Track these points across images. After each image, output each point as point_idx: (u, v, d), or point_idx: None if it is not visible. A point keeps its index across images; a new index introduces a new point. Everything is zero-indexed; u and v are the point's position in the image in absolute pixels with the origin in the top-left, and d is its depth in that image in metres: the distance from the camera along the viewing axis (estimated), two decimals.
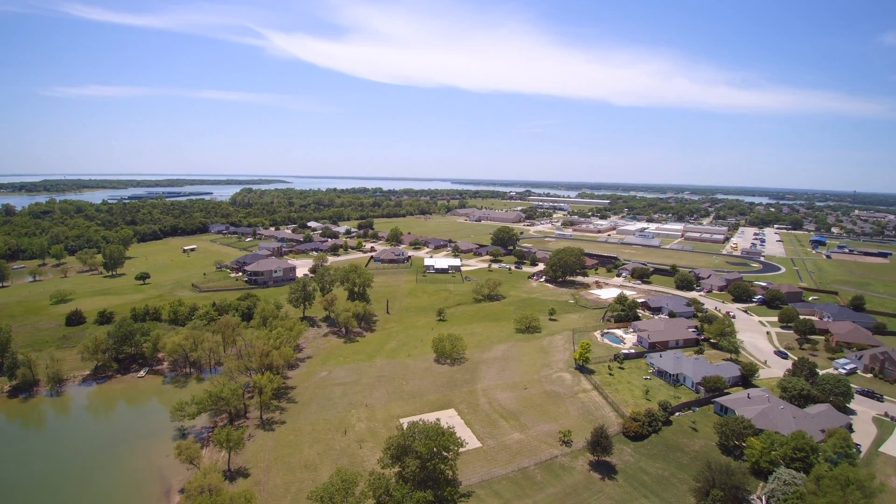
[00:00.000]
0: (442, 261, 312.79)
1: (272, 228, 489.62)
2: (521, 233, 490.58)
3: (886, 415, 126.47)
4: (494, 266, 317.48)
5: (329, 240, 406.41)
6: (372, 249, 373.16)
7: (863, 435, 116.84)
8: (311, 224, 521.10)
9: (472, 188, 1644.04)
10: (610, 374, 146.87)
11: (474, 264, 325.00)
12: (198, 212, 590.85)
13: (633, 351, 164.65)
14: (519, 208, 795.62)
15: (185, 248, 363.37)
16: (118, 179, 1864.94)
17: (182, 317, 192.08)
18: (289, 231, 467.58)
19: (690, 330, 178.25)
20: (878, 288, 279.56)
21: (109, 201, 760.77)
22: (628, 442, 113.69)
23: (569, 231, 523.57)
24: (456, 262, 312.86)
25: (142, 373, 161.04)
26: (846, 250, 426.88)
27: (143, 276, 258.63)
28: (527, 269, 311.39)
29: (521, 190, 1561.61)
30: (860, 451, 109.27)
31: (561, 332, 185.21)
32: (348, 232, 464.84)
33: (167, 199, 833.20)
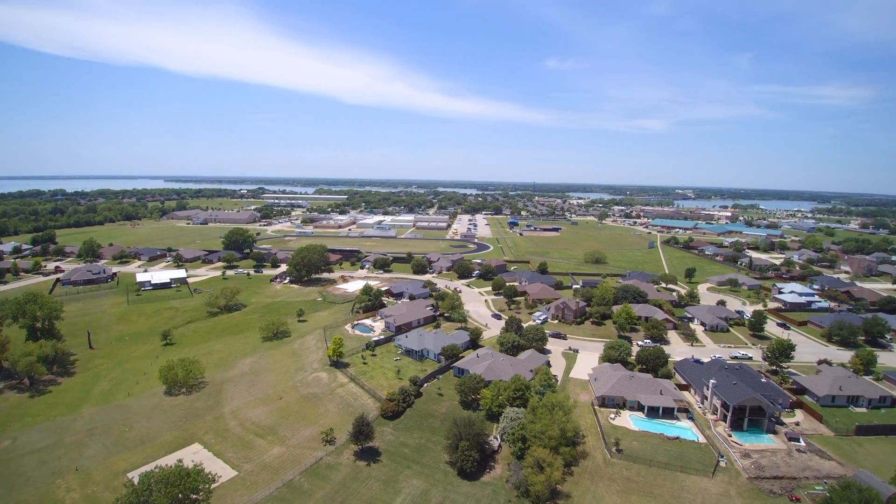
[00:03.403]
0: (161, 274, 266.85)
1: None
2: (258, 233, 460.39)
3: (570, 349, 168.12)
4: (230, 272, 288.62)
5: None
6: (57, 269, 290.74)
7: (557, 367, 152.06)
8: None
9: (194, 186, 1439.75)
10: (364, 363, 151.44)
11: (204, 273, 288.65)
12: None
13: (382, 337, 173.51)
14: (253, 207, 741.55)
15: None
16: None
17: None
18: None
19: (428, 308, 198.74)
20: (555, 255, 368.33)
21: None
22: (387, 422, 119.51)
23: (310, 228, 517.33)
24: (180, 273, 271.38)
25: None
26: (532, 228, 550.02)
27: None
28: (268, 271, 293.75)
29: (254, 188, 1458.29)
30: (557, 380, 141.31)
31: (312, 331, 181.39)
32: (17, 250, 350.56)
33: None
